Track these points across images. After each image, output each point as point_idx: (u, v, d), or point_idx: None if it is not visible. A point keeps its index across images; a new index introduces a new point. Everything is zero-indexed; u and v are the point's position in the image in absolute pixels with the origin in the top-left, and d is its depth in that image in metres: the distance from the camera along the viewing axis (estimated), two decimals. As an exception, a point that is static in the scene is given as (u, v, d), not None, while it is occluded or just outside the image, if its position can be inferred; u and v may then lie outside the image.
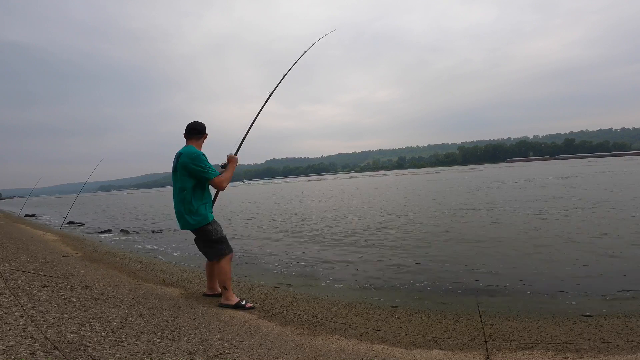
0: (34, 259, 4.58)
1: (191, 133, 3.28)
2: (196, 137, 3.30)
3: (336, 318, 3.18)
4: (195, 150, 3.18)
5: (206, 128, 3.35)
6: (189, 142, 3.28)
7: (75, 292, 3.00)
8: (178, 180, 3.17)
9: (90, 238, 9.96)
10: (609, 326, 2.83)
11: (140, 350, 1.92)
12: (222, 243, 3.24)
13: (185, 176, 3.12)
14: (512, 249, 5.90)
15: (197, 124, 3.31)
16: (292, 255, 6.52)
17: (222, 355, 2.06)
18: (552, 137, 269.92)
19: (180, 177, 3.16)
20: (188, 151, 3.15)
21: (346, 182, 50.60)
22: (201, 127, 3.31)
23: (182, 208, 3.16)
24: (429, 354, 2.41)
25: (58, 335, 1.92)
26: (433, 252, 6.09)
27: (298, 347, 2.42)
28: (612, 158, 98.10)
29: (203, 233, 3.21)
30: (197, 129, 3.29)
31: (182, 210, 3.16)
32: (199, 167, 3.08)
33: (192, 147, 3.22)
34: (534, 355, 2.33)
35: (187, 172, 3.11)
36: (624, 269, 4.51)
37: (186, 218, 3.16)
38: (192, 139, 3.28)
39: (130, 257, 6.32)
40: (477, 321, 3.07)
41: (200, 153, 3.16)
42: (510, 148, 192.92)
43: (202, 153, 3.19)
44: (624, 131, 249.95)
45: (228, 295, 3.26)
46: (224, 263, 3.22)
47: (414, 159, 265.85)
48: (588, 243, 5.96)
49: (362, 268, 5.31)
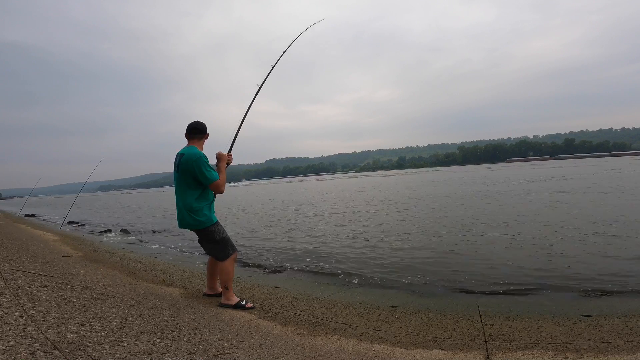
0: (34, 259, 4.58)
1: (193, 133, 3.24)
2: (198, 138, 3.25)
3: (336, 318, 3.18)
4: (197, 152, 3.14)
5: (207, 128, 3.32)
6: (191, 142, 3.24)
7: (75, 292, 3.00)
8: (180, 180, 3.16)
9: (90, 238, 9.96)
10: (609, 326, 2.83)
11: (140, 350, 1.92)
12: (226, 243, 3.24)
13: (187, 176, 3.11)
14: (512, 249, 5.90)
15: (199, 124, 3.27)
16: (292, 255, 6.52)
17: (222, 355, 2.06)
18: (552, 137, 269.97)
19: (182, 177, 3.14)
20: (190, 152, 3.13)
21: (348, 182, 50.57)
22: (202, 127, 3.27)
23: (184, 207, 3.15)
24: (429, 353, 2.41)
25: (58, 335, 1.92)
26: (433, 252, 6.09)
27: (298, 347, 2.42)
28: (612, 158, 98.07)
29: (206, 234, 3.21)
30: (198, 128, 3.25)
31: (184, 209, 3.15)
32: (200, 169, 3.06)
33: (194, 147, 3.18)
34: (534, 355, 2.33)
35: (188, 173, 3.09)
36: (624, 268, 4.50)
37: (187, 217, 3.15)
38: (194, 139, 3.24)
39: (130, 257, 6.32)
40: (477, 321, 3.07)
41: (201, 155, 3.12)
42: (510, 148, 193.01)
43: (204, 155, 3.16)
44: (624, 131, 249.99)
45: (228, 295, 3.27)
46: (228, 263, 3.23)
47: (414, 159, 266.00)
48: (588, 243, 5.96)
49: (362, 268, 5.30)
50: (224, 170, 3.28)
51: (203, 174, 3.05)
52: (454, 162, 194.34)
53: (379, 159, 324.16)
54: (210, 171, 3.10)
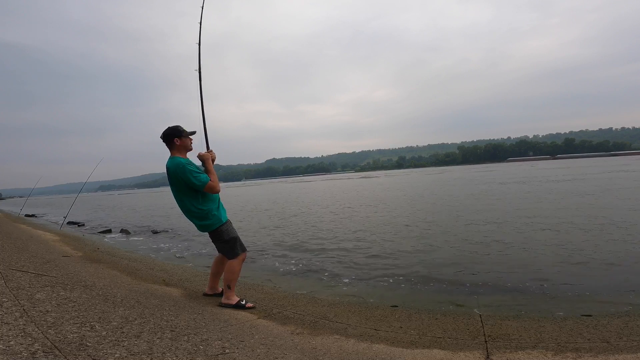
0: (34, 259, 4.58)
1: (166, 143, 3.14)
2: (172, 146, 3.13)
3: (336, 318, 3.18)
4: (178, 161, 3.06)
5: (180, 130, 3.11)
6: (171, 152, 3.16)
7: (75, 291, 3.00)
8: (177, 191, 3.15)
9: (90, 238, 9.96)
10: (609, 326, 2.83)
11: (140, 350, 1.92)
12: (235, 242, 3.25)
13: (181, 186, 3.09)
14: (512, 249, 5.90)
15: (165, 132, 3.11)
16: (292, 254, 6.52)
17: (222, 355, 2.06)
18: (552, 136, 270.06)
19: (177, 188, 3.12)
20: (172, 163, 3.07)
21: (351, 183, 50.55)
22: (169, 133, 3.10)
23: (190, 215, 3.18)
24: (429, 353, 2.41)
25: (58, 335, 1.92)
26: (433, 251, 6.09)
27: (298, 347, 2.42)
28: (611, 158, 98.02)
29: (216, 234, 3.23)
30: (166, 137, 3.10)
31: (191, 217, 3.18)
32: (187, 178, 3.01)
33: (175, 157, 3.10)
34: (534, 355, 2.33)
35: (181, 183, 3.07)
36: (624, 268, 4.50)
37: (197, 223, 3.19)
38: (171, 149, 3.15)
39: (130, 257, 6.32)
40: (477, 321, 3.07)
41: (184, 163, 3.03)
42: (510, 147, 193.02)
43: (187, 162, 3.07)
44: (624, 131, 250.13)
45: (229, 295, 3.27)
46: (237, 263, 3.24)
47: (414, 158, 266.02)
48: (588, 243, 5.95)
49: (362, 268, 5.30)
50: (212, 170, 3.22)
51: (191, 181, 3.01)
52: (454, 161, 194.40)
53: (379, 158, 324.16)
54: (198, 176, 3.03)
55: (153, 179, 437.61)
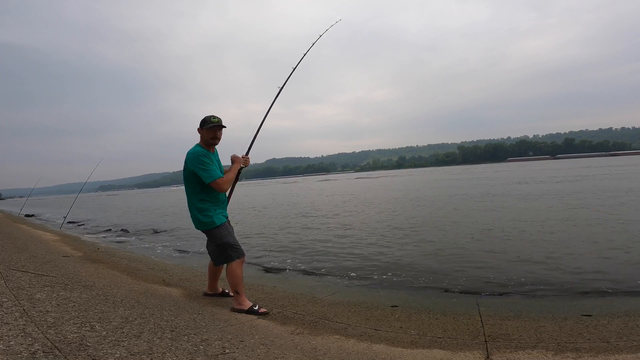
0: (33, 259, 4.58)
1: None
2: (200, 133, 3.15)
3: (336, 318, 3.18)
4: (194, 150, 3.04)
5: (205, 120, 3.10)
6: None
7: (75, 292, 3.00)
8: (186, 180, 3.10)
9: (90, 238, 9.96)
10: (609, 326, 2.83)
11: (140, 350, 1.92)
12: (227, 248, 3.12)
13: (190, 176, 3.04)
14: (512, 249, 5.90)
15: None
16: (292, 254, 6.52)
17: (222, 355, 2.06)
18: (552, 136, 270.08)
19: (187, 177, 3.08)
20: (190, 151, 3.06)
21: (355, 183, 50.56)
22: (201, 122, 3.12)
23: (192, 207, 3.11)
24: (429, 353, 2.41)
25: (58, 335, 1.92)
26: (433, 251, 6.09)
27: (298, 347, 2.42)
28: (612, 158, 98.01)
29: (209, 236, 3.20)
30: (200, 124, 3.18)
31: (191, 208, 3.12)
32: (196, 167, 2.96)
33: (196, 146, 3.09)
34: (534, 355, 2.33)
35: (191, 172, 3.02)
36: (624, 268, 4.50)
37: (193, 217, 3.14)
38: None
39: (130, 257, 6.31)
40: (477, 321, 3.07)
41: (198, 153, 3.00)
42: (510, 147, 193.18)
43: (202, 152, 3.01)
44: (624, 131, 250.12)
45: (240, 300, 3.15)
46: (235, 267, 3.10)
47: (414, 158, 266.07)
48: (588, 242, 5.96)
49: (363, 268, 5.30)
50: (232, 171, 3.18)
51: (199, 172, 2.96)
52: (454, 161, 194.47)
53: (379, 158, 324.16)
54: (208, 169, 2.96)
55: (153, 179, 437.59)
